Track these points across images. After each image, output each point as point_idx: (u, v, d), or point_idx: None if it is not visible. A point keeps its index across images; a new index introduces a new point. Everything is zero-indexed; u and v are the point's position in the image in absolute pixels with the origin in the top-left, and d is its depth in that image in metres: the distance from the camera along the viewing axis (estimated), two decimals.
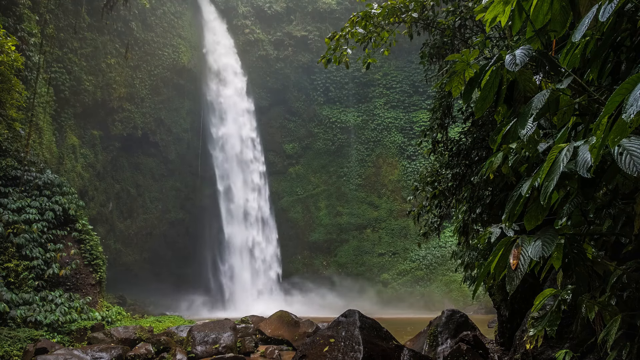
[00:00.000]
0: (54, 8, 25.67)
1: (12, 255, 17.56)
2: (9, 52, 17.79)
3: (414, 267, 36.39)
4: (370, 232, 38.92)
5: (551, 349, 5.76)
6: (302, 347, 10.85)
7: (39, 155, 22.17)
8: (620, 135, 2.22)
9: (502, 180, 7.70)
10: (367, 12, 10.17)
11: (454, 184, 10.01)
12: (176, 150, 37.31)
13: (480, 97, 3.22)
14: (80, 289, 18.89)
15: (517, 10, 3.23)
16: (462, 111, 9.89)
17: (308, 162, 41.12)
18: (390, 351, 10.11)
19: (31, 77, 22.12)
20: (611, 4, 2.54)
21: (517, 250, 2.83)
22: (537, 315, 3.63)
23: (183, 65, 36.78)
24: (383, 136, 40.44)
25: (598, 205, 3.27)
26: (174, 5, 36.78)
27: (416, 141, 13.13)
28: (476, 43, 8.75)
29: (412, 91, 40.63)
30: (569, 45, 2.99)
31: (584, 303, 3.14)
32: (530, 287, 8.56)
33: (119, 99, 32.31)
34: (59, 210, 19.43)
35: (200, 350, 14.98)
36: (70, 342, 16.37)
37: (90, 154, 30.10)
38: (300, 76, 41.41)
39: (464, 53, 3.51)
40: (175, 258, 36.53)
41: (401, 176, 39.29)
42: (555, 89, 2.86)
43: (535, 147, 3.09)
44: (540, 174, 2.66)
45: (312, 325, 16.92)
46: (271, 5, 41.37)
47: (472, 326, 12.07)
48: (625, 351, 3.08)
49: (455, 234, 10.15)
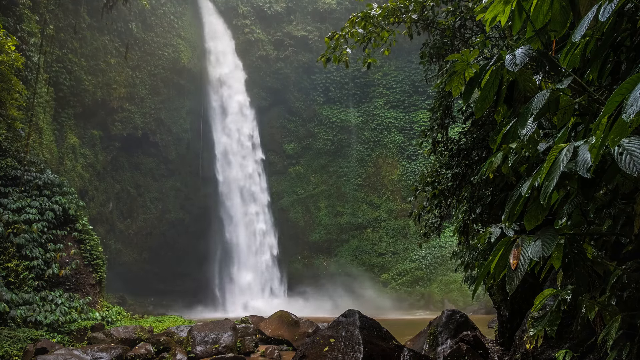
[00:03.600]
0: (54, 8, 25.67)
1: (12, 255, 17.56)
2: (9, 52, 17.80)
3: (414, 267, 36.38)
4: (370, 232, 38.91)
5: (551, 349, 5.76)
6: (302, 347, 10.85)
7: (39, 155, 22.17)
8: (620, 135, 2.22)
9: (502, 180, 7.70)
10: (367, 13, 10.16)
11: (454, 184, 10.01)
12: (176, 150, 37.31)
13: (480, 97, 3.22)
14: (80, 289, 18.90)
15: (517, 10, 3.22)
16: (462, 111, 9.88)
17: (308, 162, 41.11)
18: (390, 351, 10.11)
19: (31, 77, 22.12)
20: (611, 4, 2.54)
21: (517, 250, 2.83)
22: (537, 315, 3.63)
23: (183, 65, 36.78)
24: (383, 136, 40.44)
25: (598, 205, 3.27)
26: (174, 5, 36.79)
27: (416, 141, 13.14)
28: (476, 43, 8.74)
29: (412, 91, 40.62)
30: (569, 45, 2.99)
31: (584, 303, 3.14)
32: (530, 287, 8.56)
33: (119, 99, 32.32)
34: (59, 210, 19.44)
35: (200, 350, 14.98)
36: (70, 342, 16.37)
37: (90, 154, 30.10)
38: (300, 76, 41.40)
39: (464, 53, 3.51)
40: (175, 258, 36.51)
41: (401, 176, 39.29)
42: (555, 89, 2.86)
43: (535, 147, 3.09)
44: (540, 174, 2.66)
45: (312, 325, 16.92)
46: (271, 5, 41.37)
47: (472, 326, 12.07)
48: (625, 351, 3.08)
49: (455, 234, 10.14)
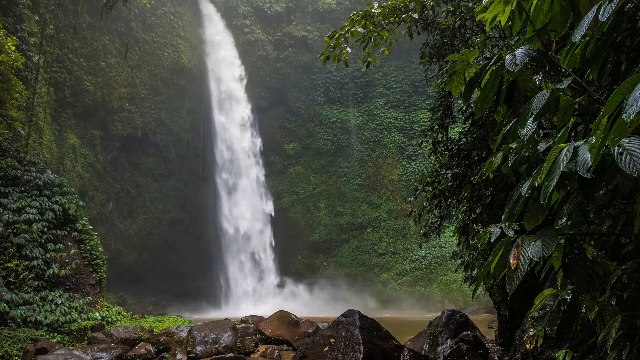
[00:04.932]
0: (54, 8, 25.66)
1: (12, 255, 17.55)
2: (9, 52, 17.79)
3: (414, 267, 36.38)
4: (370, 232, 38.90)
5: (551, 349, 5.76)
6: (302, 347, 10.85)
7: (39, 155, 22.16)
8: (620, 135, 2.22)
9: (502, 180, 7.70)
10: (367, 12, 10.16)
11: (454, 184, 10.01)
12: (176, 150, 37.31)
13: (480, 97, 3.22)
14: (80, 289, 18.89)
15: (517, 10, 3.22)
16: (462, 111, 9.88)
17: (308, 162, 41.10)
18: (390, 351, 10.11)
19: (31, 77, 22.11)
20: (611, 4, 2.54)
21: (517, 250, 2.82)
22: (537, 315, 3.63)
23: (183, 65, 36.78)
24: (383, 136, 40.43)
25: (598, 205, 3.27)
26: (174, 5, 36.79)
27: (416, 141, 13.14)
28: (476, 43, 8.74)
29: (412, 91, 40.61)
30: (569, 45, 2.99)
31: (584, 303, 3.14)
32: (530, 287, 8.57)
33: (119, 99, 32.32)
34: (59, 210, 19.43)
35: (200, 350, 14.98)
36: (70, 342, 16.36)
37: (90, 154, 30.10)
38: (300, 76, 41.39)
39: (464, 53, 3.51)
40: (175, 258, 36.53)
41: (401, 176, 39.28)
42: (555, 89, 2.85)
43: (535, 147, 3.09)
44: (540, 174, 2.66)
45: (312, 325, 16.92)
46: (271, 5, 41.36)
47: (472, 326, 12.07)
48: (625, 351, 3.07)
49: (455, 234, 10.14)
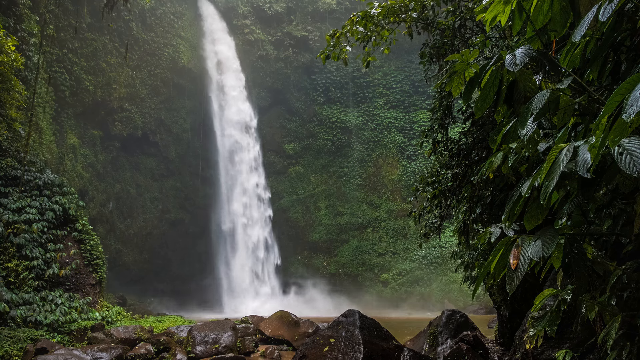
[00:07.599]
0: (54, 8, 25.66)
1: (12, 255, 17.56)
2: (9, 52, 17.79)
3: (414, 267, 36.38)
4: (370, 232, 38.90)
5: (551, 349, 5.76)
6: (302, 347, 10.85)
7: (39, 155, 22.17)
8: (620, 135, 2.22)
9: (502, 180, 7.70)
10: (367, 12, 10.17)
11: (454, 184, 10.01)
12: (176, 150, 37.31)
13: (480, 97, 3.22)
14: (80, 289, 18.89)
15: (517, 10, 3.22)
16: (462, 111, 9.87)
17: (308, 162, 41.10)
18: (390, 351, 10.11)
19: (31, 77, 22.11)
20: (611, 4, 2.54)
21: (517, 250, 2.82)
22: (537, 315, 3.63)
23: (183, 65, 36.79)
24: (383, 136, 40.43)
25: (598, 205, 3.26)
26: (174, 5, 36.78)
27: (416, 141, 13.14)
28: (476, 43, 8.73)
29: (412, 91, 40.61)
30: (569, 45, 2.99)
31: (584, 303, 3.14)
32: (530, 287, 8.56)
33: (119, 99, 32.32)
34: (59, 210, 19.43)
35: (200, 350, 14.98)
36: (70, 342, 16.36)
37: (90, 154, 30.10)
38: (300, 76, 41.39)
39: (464, 53, 3.51)
40: (175, 258, 36.53)
41: (401, 176, 39.29)
42: (555, 89, 2.85)
43: (535, 147, 3.09)
44: (540, 174, 2.66)
45: (312, 325, 16.92)
46: (271, 5, 41.36)
47: (472, 326, 12.07)
48: (625, 351, 3.07)
49: (455, 234, 10.14)
